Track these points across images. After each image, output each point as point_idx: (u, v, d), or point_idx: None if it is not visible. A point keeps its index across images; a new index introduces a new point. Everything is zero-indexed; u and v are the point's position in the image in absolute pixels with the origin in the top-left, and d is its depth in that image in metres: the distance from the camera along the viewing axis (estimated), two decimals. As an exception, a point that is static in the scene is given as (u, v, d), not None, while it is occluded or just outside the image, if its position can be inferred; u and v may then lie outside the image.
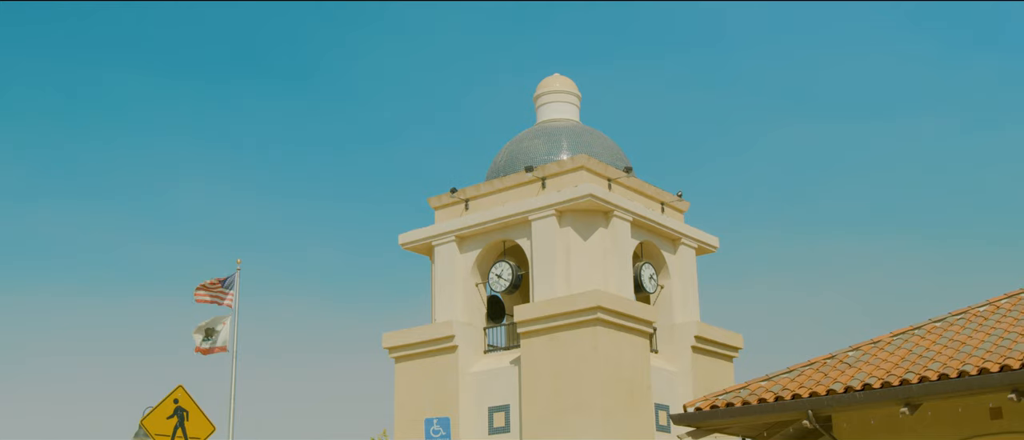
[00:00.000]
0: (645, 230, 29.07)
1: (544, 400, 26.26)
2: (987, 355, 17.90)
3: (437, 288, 29.38)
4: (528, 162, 29.27)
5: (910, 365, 18.64)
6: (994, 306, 21.27)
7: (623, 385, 26.20)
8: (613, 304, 26.11)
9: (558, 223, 27.61)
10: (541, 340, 26.65)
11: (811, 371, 20.21)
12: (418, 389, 28.42)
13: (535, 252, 27.80)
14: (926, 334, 20.47)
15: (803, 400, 18.85)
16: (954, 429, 19.05)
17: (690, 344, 28.79)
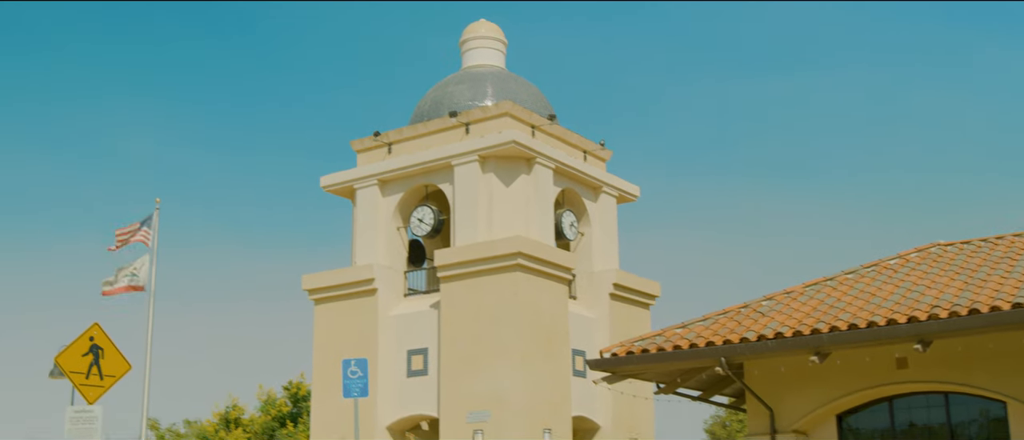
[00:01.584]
0: (567, 178, 29.24)
1: (463, 344, 26.43)
2: (895, 307, 18.39)
3: (358, 231, 29.32)
4: (452, 107, 29.23)
5: (821, 315, 19.08)
6: (904, 259, 21.83)
7: (541, 330, 26.46)
8: (533, 250, 26.29)
9: (481, 169, 27.65)
10: (461, 285, 26.77)
11: (725, 319, 20.58)
12: (337, 331, 28.42)
13: (457, 197, 27.84)
14: (838, 285, 20.95)
15: (716, 348, 19.21)
16: (861, 378, 19.57)
17: (608, 291, 29.11)
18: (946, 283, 19.15)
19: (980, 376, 18.59)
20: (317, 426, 28.52)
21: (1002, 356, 18.29)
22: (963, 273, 19.67)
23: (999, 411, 18.82)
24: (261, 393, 42.18)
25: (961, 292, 18.29)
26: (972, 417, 19.17)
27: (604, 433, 28.26)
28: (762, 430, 20.32)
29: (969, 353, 18.52)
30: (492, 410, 25.67)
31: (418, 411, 27.35)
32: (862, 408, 20.02)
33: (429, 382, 27.14)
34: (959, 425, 19.22)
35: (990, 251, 21.05)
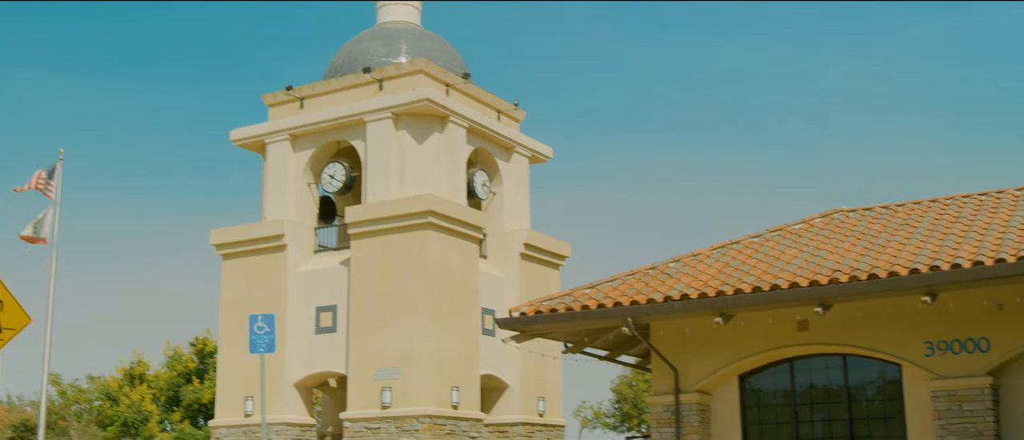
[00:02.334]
0: (480, 137, 29.22)
1: (372, 301, 26.37)
2: (798, 270, 18.74)
3: (268, 186, 29.01)
4: (366, 63, 28.98)
5: (726, 278, 19.38)
6: (808, 224, 22.24)
7: (451, 289, 26.50)
8: (445, 209, 26.28)
9: (394, 126, 27.50)
10: (372, 242, 26.67)
11: (633, 280, 20.80)
12: (245, 287, 28.17)
13: (369, 154, 27.66)
14: (743, 249, 21.27)
15: (624, 308, 19.41)
16: (764, 339, 19.95)
17: (519, 251, 29.23)
18: (847, 248, 19.56)
19: (877, 339, 19.07)
20: (223, 382, 28.30)
21: (898, 320, 18.78)
22: (864, 239, 20.10)
23: (894, 373, 19.33)
24: (167, 349, 41.70)
25: (861, 257, 18.69)
26: (869, 379, 19.67)
27: (512, 391, 28.47)
28: (667, 389, 20.63)
29: (867, 316, 18.98)
30: (401, 368, 25.70)
31: (326, 368, 27.27)
32: (764, 369, 20.42)
33: (338, 339, 27.06)
34: (856, 386, 19.71)
35: (890, 218, 21.53)
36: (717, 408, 20.66)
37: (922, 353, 18.68)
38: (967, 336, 18.41)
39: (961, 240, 18.42)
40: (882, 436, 19.32)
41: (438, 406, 25.49)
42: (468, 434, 26.20)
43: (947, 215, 20.66)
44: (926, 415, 18.73)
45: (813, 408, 19.97)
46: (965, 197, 21.80)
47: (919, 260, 17.62)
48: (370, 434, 25.71)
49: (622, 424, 56.45)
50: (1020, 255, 16.60)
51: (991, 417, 18.05)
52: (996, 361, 18.20)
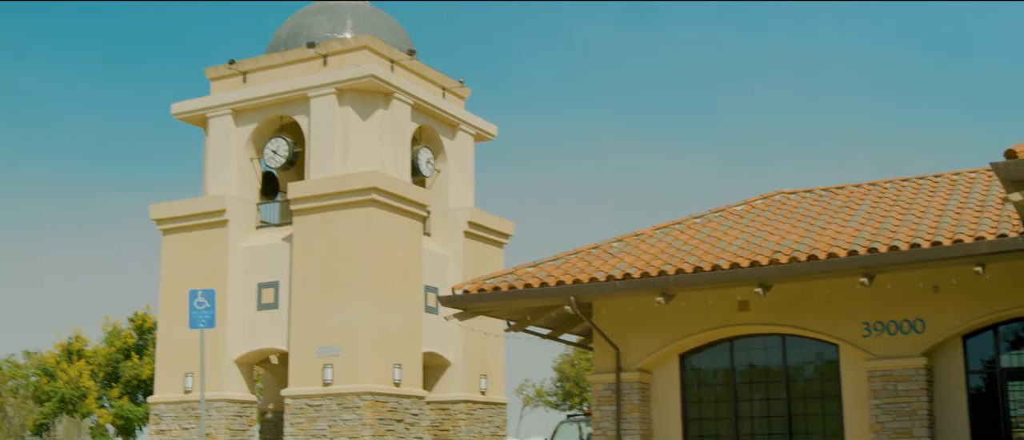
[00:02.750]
0: (425, 114, 29.12)
1: (314, 278, 26.24)
2: (739, 251, 18.91)
3: (210, 161, 28.72)
4: (310, 38, 28.75)
5: (668, 257, 19.51)
6: (750, 206, 22.44)
7: (394, 267, 26.43)
8: (388, 186, 26.18)
9: (338, 102, 27.32)
10: (314, 218, 26.52)
11: (576, 259, 20.88)
12: (186, 263, 27.91)
13: (313, 130, 27.47)
14: (686, 229, 21.43)
15: (566, 287, 19.48)
16: (704, 319, 20.13)
17: (463, 229, 29.21)
18: (788, 230, 19.76)
19: (816, 320, 19.32)
20: (162, 358, 28.06)
21: (837, 301, 19.03)
22: (804, 221, 20.32)
23: (832, 353, 19.60)
24: (106, 324, 41.23)
25: (801, 239, 18.90)
26: (807, 359, 19.92)
27: (454, 369, 28.50)
28: (608, 368, 20.76)
29: (806, 297, 19.21)
30: (343, 345, 25.62)
31: (267, 345, 27.12)
32: (704, 348, 20.61)
33: (279, 316, 26.91)
34: (795, 366, 19.96)
35: (830, 200, 21.78)
36: (657, 387, 20.83)
37: (859, 334, 18.96)
38: (903, 317, 18.71)
39: (899, 223, 18.68)
40: (819, 414, 19.59)
41: (380, 383, 25.45)
42: (410, 411, 26.21)
43: (886, 198, 20.94)
44: (862, 394, 19.02)
45: (752, 387, 20.21)
46: (904, 181, 22.10)
47: (857, 242, 17.85)
48: (311, 411, 25.62)
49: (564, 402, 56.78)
50: (956, 238, 16.88)
51: (925, 397, 18.37)
52: (931, 342, 18.52)
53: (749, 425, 20.13)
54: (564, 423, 27.53)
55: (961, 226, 17.49)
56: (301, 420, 25.67)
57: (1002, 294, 18.06)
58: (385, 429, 25.37)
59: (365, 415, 25.00)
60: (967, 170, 21.75)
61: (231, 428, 26.94)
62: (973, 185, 20.63)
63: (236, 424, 27.11)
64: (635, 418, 20.36)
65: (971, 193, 19.93)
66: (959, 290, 18.23)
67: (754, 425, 20.10)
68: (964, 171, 21.76)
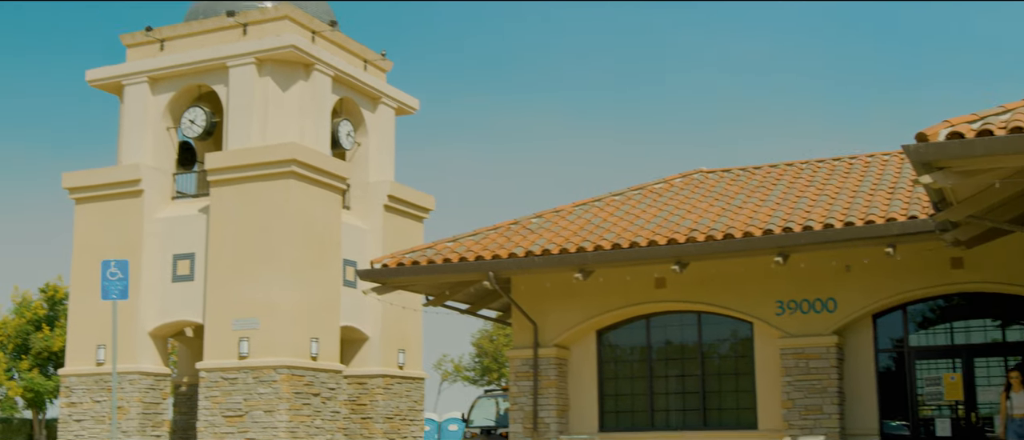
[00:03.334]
0: (346, 86, 28.88)
1: (231, 250, 25.95)
2: (657, 229, 19.08)
3: (125, 129, 28.21)
4: (230, 6, 28.31)
5: (587, 234, 19.62)
6: (669, 184, 22.63)
7: (313, 239, 26.23)
8: (308, 158, 25.94)
9: (257, 72, 26.98)
10: (232, 189, 26.19)
11: (495, 235, 20.91)
12: (99, 233, 27.41)
13: (231, 100, 27.10)
14: (605, 206, 21.56)
15: (485, 262, 19.51)
16: (622, 296, 20.29)
17: (382, 203, 29.07)
18: (705, 208, 19.97)
19: (731, 298, 19.58)
20: (74, 330, 27.57)
21: (752, 279, 19.30)
22: (721, 200, 20.55)
23: (746, 331, 19.89)
24: (16, 295, 40.35)
25: (718, 217, 19.12)
26: (722, 336, 20.20)
27: (372, 343, 28.41)
28: (526, 343, 20.84)
29: (722, 276, 19.45)
30: (260, 318, 25.39)
31: (183, 317, 26.78)
32: (621, 325, 20.79)
33: (195, 288, 26.58)
34: (710, 343, 20.22)
35: (747, 180, 22.05)
36: (575, 362, 20.97)
37: (773, 312, 19.25)
38: (816, 297, 19.03)
39: (813, 203, 18.97)
40: (732, 391, 19.88)
41: (297, 357, 25.29)
42: (327, 385, 26.07)
43: (801, 179, 21.24)
44: (775, 371, 19.33)
45: (668, 363, 20.44)
46: (819, 162, 22.44)
47: (773, 222, 18.10)
48: (226, 384, 25.38)
49: (482, 377, 56.93)
50: (868, 219, 17.19)
51: (835, 374, 18.73)
52: (842, 321, 18.87)
53: (664, 401, 20.37)
54: (482, 398, 27.61)
55: (873, 207, 17.82)
56: (216, 393, 25.41)
57: (911, 275, 18.46)
58: (301, 403, 25.22)
59: (281, 389, 24.83)
60: (881, 152, 22.15)
61: (144, 401, 26.60)
62: (886, 167, 21.01)
63: (149, 397, 26.77)
64: (552, 393, 20.50)
65: (884, 175, 20.30)
66: (870, 270, 18.59)
67: (669, 401, 20.34)
68: (878, 153, 22.17)
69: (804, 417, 18.66)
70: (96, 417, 26.68)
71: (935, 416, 18.99)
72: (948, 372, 18.95)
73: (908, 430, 19.04)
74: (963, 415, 18.75)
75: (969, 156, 12.00)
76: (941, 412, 18.96)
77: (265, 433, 24.65)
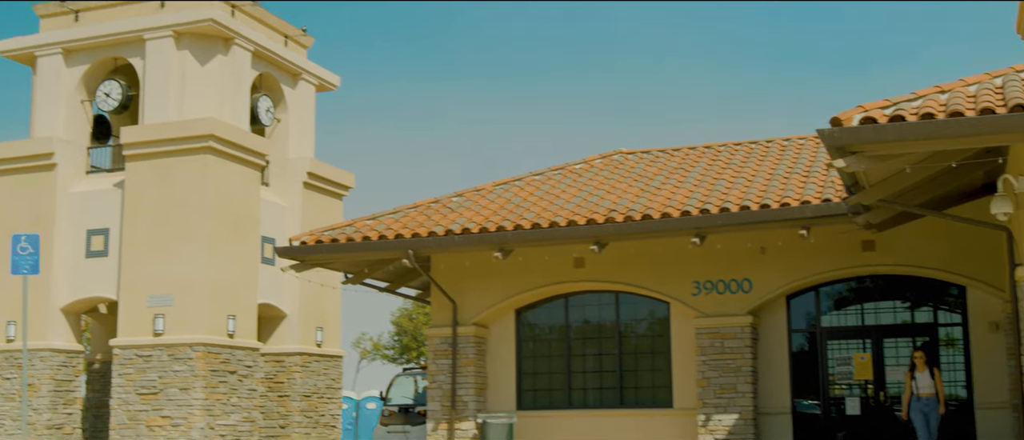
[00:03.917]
0: (266, 62, 28.57)
1: (147, 226, 25.57)
2: (577, 209, 19.21)
3: (38, 102, 27.60)
4: (147, -22, 27.78)
5: (507, 213, 19.70)
6: (588, 164, 22.80)
7: (230, 216, 25.96)
8: (226, 134, 25.64)
9: (175, 45, 26.55)
10: (148, 164, 25.80)
11: (415, 213, 20.90)
12: (10, 207, 26.83)
13: (148, 73, 26.65)
14: (525, 185, 21.66)
15: (405, 240, 19.49)
16: (541, 275, 20.42)
17: (302, 180, 28.85)
18: (624, 189, 20.16)
19: (649, 278, 19.81)
20: (-17, 305, 26.98)
21: (669, 260, 19.54)
22: (640, 181, 20.75)
23: (663, 311, 20.15)
24: (-78, 269, 39.31)
25: (637, 198, 19.31)
26: (639, 315, 20.44)
27: (290, 321, 28.23)
28: (445, 322, 20.89)
29: (640, 256, 19.66)
30: (175, 295, 25.08)
31: (96, 293, 26.34)
32: (540, 304, 20.93)
33: (109, 264, 26.15)
34: (627, 322, 20.45)
35: (666, 161, 22.29)
36: (493, 341, 21.07)
37: (689, 292, 19.53)
38: (731, 277, 19.34)
39: (730, 186, 19.24)
40: (649, 370, 20.14)
41: (213, 334, 25.03)
42: (243, 363, 25.86)
43: (719, 161, 21.53)
44: (691, 351, 19.62)
45: (586, 342, 20.63)
46: (737, 144, 22.76)
47: (690, 203, 18.33)
48: (141, 361, 25.04)
49: (401, 356, 56.86)
50: (783, 202, 17.49)
51: (750, 354, 19.07)
52: (756, 301, 19.20)
53: (582, 379, 20.57)
54: (400, 376, 27.58)
55: (789, 190, 18.13)
56: (130, 371, 25.07)
57: (824, 257, 18.84)
58: (218, 381, 24.99)
59: (197, 366, 24.57)
60: (797, 136, 22.52)
61: (56, 379, 26.15)
62: (801, 151, 21.38)
63: (61, 374, 26.32)
64: (470, 371, 20.58)
65: (799, 159, 20.66)
66: (785, 252, 18.94)
67: (586, 380, 20.54)
68: (794, 137, 22.54)
69: (718, 396, 18.98)
70: (6, 394, 26.18)
71: (845, 395, 19.44)
72: (858, 352, 19.39)
73: (819, 409, 19.47)
74: (872, 394, 19.21)
75: (881, 141, 12.26)
76: (851, 391, 19.41)
77: (180, 411, 24.40)
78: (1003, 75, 13.67)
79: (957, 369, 18.91)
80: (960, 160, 13.49)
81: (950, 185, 15.13)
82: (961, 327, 18.95)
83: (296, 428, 27.69)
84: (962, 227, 16.55)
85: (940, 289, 19.10)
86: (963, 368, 18.82)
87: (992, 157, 13.48)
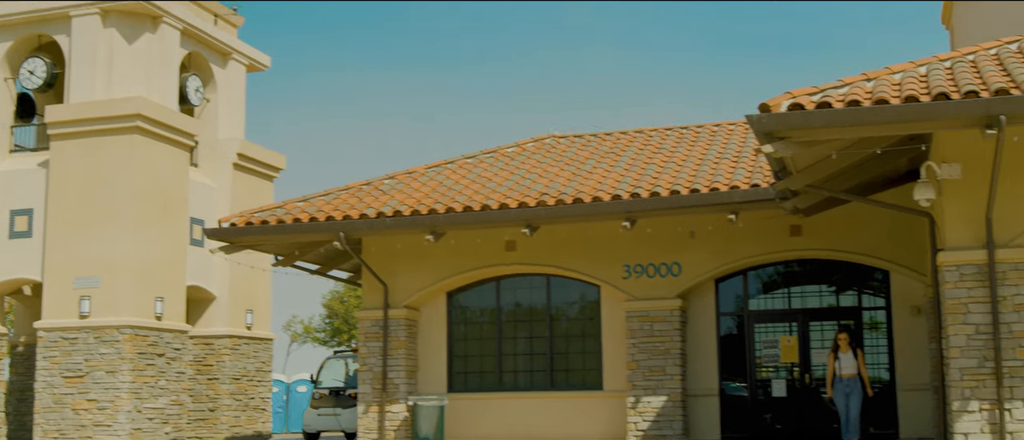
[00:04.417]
0: (195, 41, 28.20)
1: (72, 207, 25.16)
2: (508, 192, 19.25)
3: (-41, 79, 26.99)
4: (73, -46, 27.26)
5: (439, 196, 19.68)
6: (520, 148, 22.84)
7: (159, 197, 25.63)
8: (154, 113, 25.29)
9: (102, 23, 26.10)
10: (73, 144, 25.37)
11: (347, 195, 20.80)
12: (-70, 186, 26.24)
13: (74, 51, 26.18)
14: (457, 168, 21.64)
15: (336, 222, 19.41)
16: (472, 258, 20.45)
17: (232, 161, 28.54)
18: (556, 173, 20.24)
19: (579, 261, 19.92)
20: (-98, 286, 26.38)
21: (600, 243, 19.67)
22: (572, 164, 20.84)
23: (594, 294, 20.28)
24: None
25: (568, 182, 19.39)
26: (570, 299, 20.55)
27: (219, 303, 27.97)
28: (376, 304, 20.84)
29: (572, 239, 19.76)
30: (102, 276, 24.72)
31: (20, 275, 25.88)
32: (471, 287, 20.96)
33: (33, 245, 25.70)
34: (558, 306, 20.56)
35: (598, 145, 22.40)
36: (425, 323, 21.07)
37: (620, 276, 19.67)
38: (661, 261, 19.52)
39: (661, 170, 19.40)
40: (579, 352, 20.27)
41: (141, 317, 24.72)
42: (172, 346, 25.58)
43: (650, 146, 21.68)
44: (621, 333, 19.78)
45: (517, 325, 20.71)
46: (667, 130, 22.94)
47: (621, 187, 18.45)
48: (66, 344, 24.66)
49: (332, 339, 56.60)
50: (712, 187, 17.67)
51: (679, 337, 19.26)
52: (685, 285, 19.40)
53: (513, 362, 20.64)
54: (330, 359, 27.48)
55: (718, 175, 18.32)
56: (55, 354, 24.69)
57: (752, 241, 19.08)
58: (145, 363, 24.70)
59: (124, 349, 24.26)
60: (726, 122, 22.75)
61: (-22, 361, 25.67)
62: (731, 136, 21.61)
63: (-16, 357, 25.84)
64: (401, 354, 20.57)
65: (729, 144, 20.87)
66: (714, 236, 19.15)
67: (517, 362, 20.62)
68: (724, 123, 22.76)
69: (648, 378, 19.16)
70: (-74, 378, 25.65)
71: (772, 377, 19.73)
72: (785, 335, 19.68)
73: (746, 391, 19.74)
74: (798, 377, 19.52)
75: (808, 127, 12.45)
76: (778, 373, 19.70)
77: (107, 394, 24.09)
78: (927, 64, 13.93)
79: (880, 352, 19.28)
80: (885, 147, 13.74)
81: (875, 171, 15.40)
82: (885, 311, 19.32)
83: (225, 411, 27.48)
84: (887, 213, 16.86)
85: (865, 273, 19.45)
86: (886, 351, 19.20)
87: (916, 144, 13.75)
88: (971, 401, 13.31)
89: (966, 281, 13.53)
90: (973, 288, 13.47)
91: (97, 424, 24.00)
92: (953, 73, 13.25)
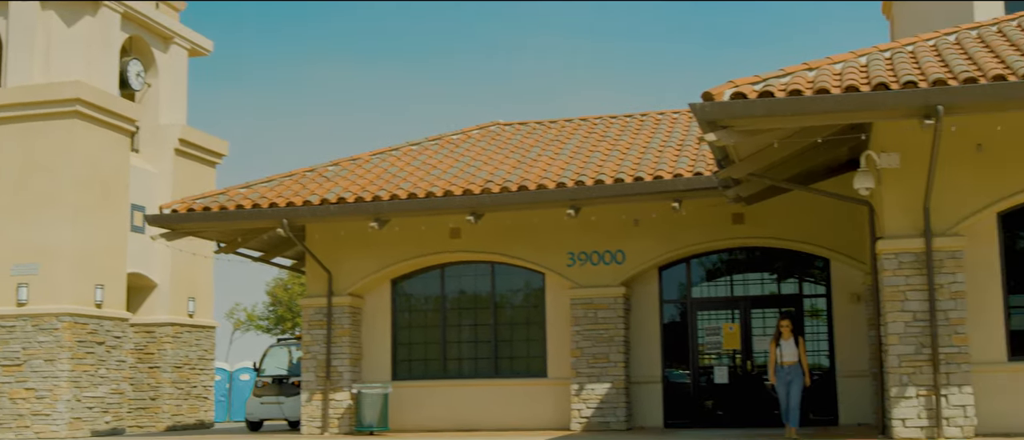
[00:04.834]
0: (136, 24, 27.82)
1: (10, 192, 24.76)
2: (453, 179, 19.23)
3: None
4: (10, -65, 26.78)
5: (384, 183, 19.61)
6: (466, 135, 22.80)
7: (98, 182, 25.29)
8: (94, 98, 24.93)
9: (40, 6, 25.68)
10: (11, 129, 24.95)
11: (290, 182, 20.66)
12: None
13: (11, 34, 25.73)
14: (402, 155, 21.57)
15: (279, 209, 19.27)
16: (417, 245, 20.40)
17: (173, 147, 28.22)
18: (501, 160, 20.24)
19: (524, 249, 19.94)
20: None
21: (545, 231, 19.70)
22: (517, 152, 20.85)
23: (538, 282, 20.32)
24: None
25: (513, 169, 19.40)
26: (515, 286, 20.57)
27: (161, 291, 27.67)
28: (320, 292, 20.73)
29: (517, 227, 19.78)
30: (40, 263, 24.36)
31: (-45, 261, 25.45)
32: (416, 274, 20.91)
33: (-31, 231, 25.26)
34: (503, 293, 20.57)
35: (543, 133, 22.43)
36: (369, 311, 21.00)
37: (564, 263, 19.72)
38: (605, 249, 19.59)
39: (605, 158, 19.46)
40: (524, 340, 20.31)
41: (80, 304, 24.40)
42: (112, 334, 25.28)
43: (595, 134, 21.74)
44: (565, 321, 19.84)
45: (461, 313, 20.70)
46: (612, 118, 23.01)
47: (566, 175, 18.49)
48: (3, 332, 24.29)
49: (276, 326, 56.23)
50: (656, 175, 17.76)
51: (623, 324, 19.36)
52: (630, 272, 19.49)
53: (457, 350, 20.64)
54: (274, 347, 27.29)
55: (662, 164, 18.42)
56: (-8, 341, 24.32)
57: (695, 229, 19.21)
58: (85, 351, 24.38)
59: (63, 337, 23.94)
60: (671, 110, 22.86)
61: (-88, 349, 25.21)
62: (675, 125, 21.72)
63: (-82, 345, 25.38)
64: (345, 342, 20.48)
65: (673, 132, 20.98)
66: (657, 224, 19.25)
67: (462, 350, 20.62)
68: (668, 111, 22.87)
69: (591, 365, 19.25)
70: None
71: (714, 364, 19.90)
72: (727, 322, 19.86)
73: (689, 378, 19.90)
74: (740, 363, 19.71)
75: (750, 116, 12.56)
76: (720, 360, 19.87)
77: (45, 383, 23.76)
78: (868, 54, 14.09)
79: (821, 339, 19.52)
80: (826, 136, 13.89)
81: (816, 160, 15.57)
82: (825, 298, 19.55)
83: (167, 400, 27.22)
84: (828, 201, 17.06)
85: (806, 261, 19.66)
86: (826, 338, 19.43)
87: (856, 134, 13.91)
88: (909, 387, 13.52)
89: (904, 269, 13.73)
90: (911, 276, 13.68)
91: (35, 413, 23.68)
92: (893, 64, 13.42)
